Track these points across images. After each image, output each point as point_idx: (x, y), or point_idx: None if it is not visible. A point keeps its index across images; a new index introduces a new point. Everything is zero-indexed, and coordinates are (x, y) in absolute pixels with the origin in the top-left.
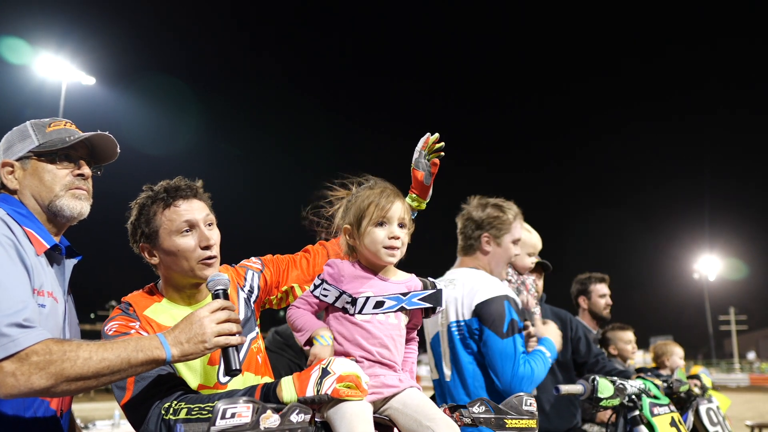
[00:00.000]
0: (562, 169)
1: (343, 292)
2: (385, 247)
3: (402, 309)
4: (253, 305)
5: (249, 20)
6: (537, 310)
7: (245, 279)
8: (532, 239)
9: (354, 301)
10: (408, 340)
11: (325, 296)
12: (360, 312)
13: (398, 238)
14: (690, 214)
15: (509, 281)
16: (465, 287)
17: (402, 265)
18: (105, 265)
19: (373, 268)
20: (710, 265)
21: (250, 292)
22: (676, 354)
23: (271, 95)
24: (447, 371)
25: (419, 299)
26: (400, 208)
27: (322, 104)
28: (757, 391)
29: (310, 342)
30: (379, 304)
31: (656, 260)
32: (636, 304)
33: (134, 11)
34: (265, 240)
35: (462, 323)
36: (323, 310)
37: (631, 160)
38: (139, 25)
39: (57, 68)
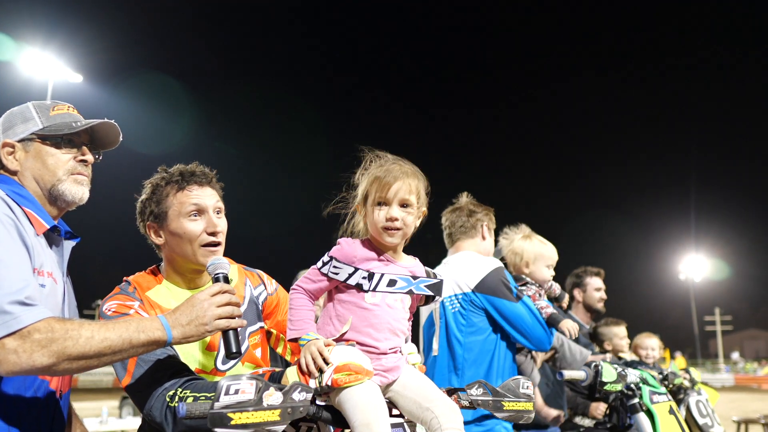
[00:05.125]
0: (551, 171)
1: (357, 269)
2: (384, 228)
3: (410, 292)
4: (260, 305)
5: (241, 17)
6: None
7: (256, 286)
8: (548, 251)
9: (371, 276)
10: None
11: (336, 274)
12: (375, 288)
13: (396, 219)
14: (676, 215)
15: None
16: (457, 265)
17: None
18: (92, 264)
19: (381, 248)
20: (696, 266)
21: (257, 297)
22: (642, 346)
23: (266, 93)
24: (435, 346)
25: (425, 286)
26: (398, 188)
27: (318, 102)
28: (742, 391)
29: (295, 340)
30: (392, 283)
31: (642, 261)
32: (622, 305)
33: (124, 6)
34: (260, 239)
35: (459, 296)
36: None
37: (618, 162)
38: (129, 20)
39: (43, 65)
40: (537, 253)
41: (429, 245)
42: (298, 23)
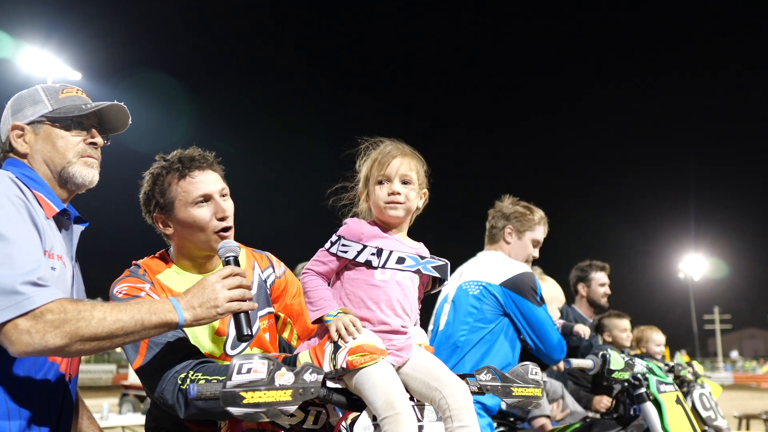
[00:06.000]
0: (550, 169)
1: (365, 246)
2: (386, 203)
3: (418, 271)
4: (268, 288)
5: (240, 15)
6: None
7: (264, 268)
8: (560, 293)
9: (379, 252)
10: None
11: (345, 252)
12: (384, 265)
13: (398, 193)
14: (675, 214)
15: None
16: (489, 260)
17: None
18: (91, 263)
19: (387, 227)
20: (695, 265)
21: (265, 280)
22: (653, 341)
23: (265, 91)
24: (443, 320)
25: (432, 267)
26: (398, 165)
27: (316, 101)
28: (741, 389)
29: (320, 320)
30: (401, 260)
31: (642, 260)
32: (622, 303)
33: (124, 4)
34: (258, 238)
35: (483, 283)
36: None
37: (621, 164)
38: (129, 18)
39: (42, 62)
40: (552, 295)
41: (429, 244)
42: (298, 23)
